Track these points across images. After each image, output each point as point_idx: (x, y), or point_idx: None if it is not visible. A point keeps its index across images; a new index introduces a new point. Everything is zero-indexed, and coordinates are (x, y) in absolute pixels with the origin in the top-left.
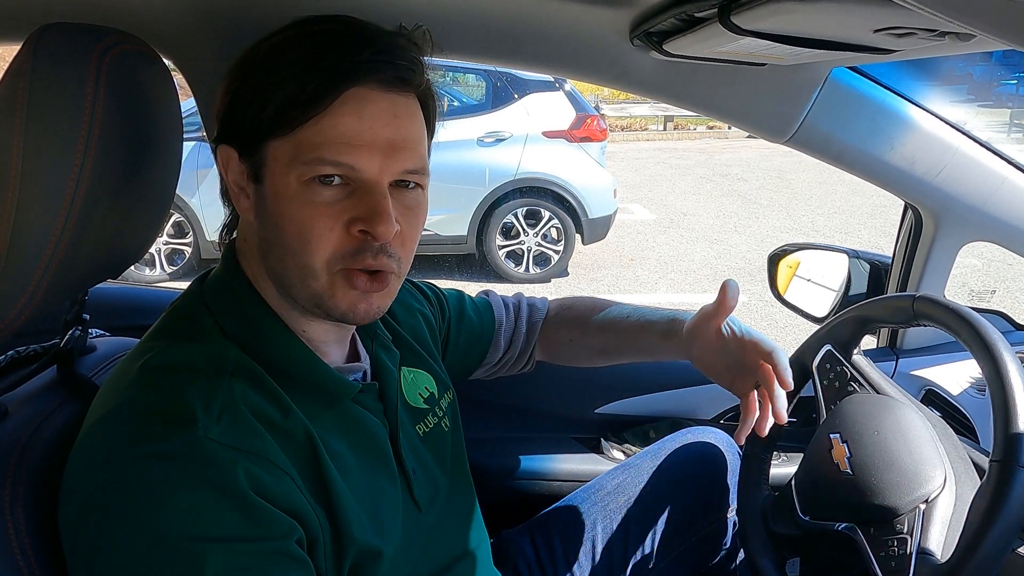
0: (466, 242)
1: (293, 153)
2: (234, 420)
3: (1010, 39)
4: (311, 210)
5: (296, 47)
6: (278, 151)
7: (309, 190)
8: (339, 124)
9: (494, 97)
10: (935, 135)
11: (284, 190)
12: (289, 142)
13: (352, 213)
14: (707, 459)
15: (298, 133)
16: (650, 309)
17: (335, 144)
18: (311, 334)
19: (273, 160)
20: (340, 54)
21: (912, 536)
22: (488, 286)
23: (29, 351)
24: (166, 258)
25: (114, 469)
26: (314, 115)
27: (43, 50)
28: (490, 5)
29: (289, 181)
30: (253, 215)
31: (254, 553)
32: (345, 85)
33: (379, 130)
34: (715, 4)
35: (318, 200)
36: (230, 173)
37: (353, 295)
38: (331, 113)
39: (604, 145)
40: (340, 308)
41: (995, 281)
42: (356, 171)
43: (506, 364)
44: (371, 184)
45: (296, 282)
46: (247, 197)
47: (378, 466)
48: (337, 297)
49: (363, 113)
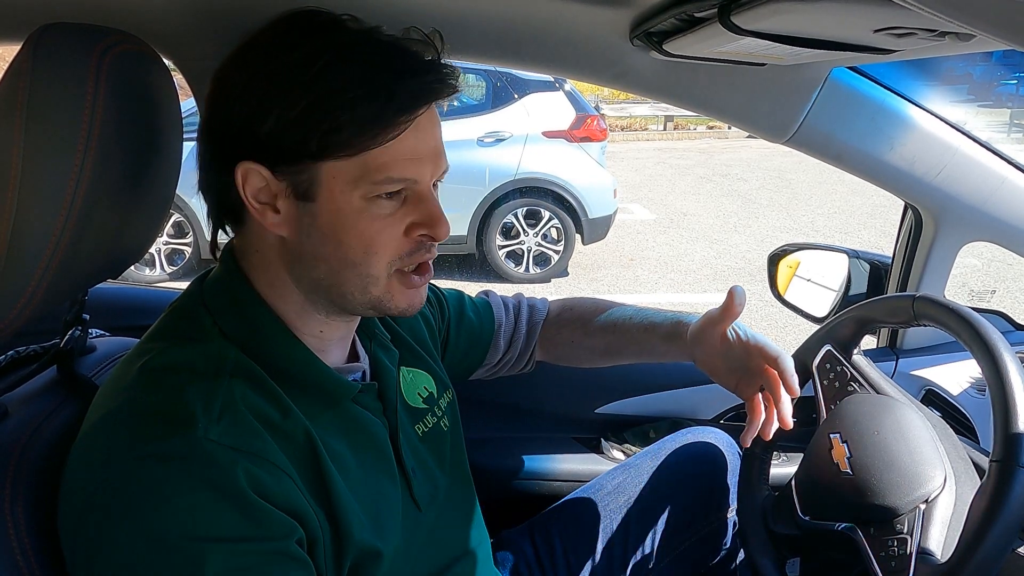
0: (466, 242)
1: (359, 173)
2: (234, 420)
3: (1010, 39)
4: (377, 223)
5: (351, 66)
6: (337, 170)
7: (374, 206)
8: (405, 143)
9: (494, 97)
10: (935, 135)
11: (347, 208)
12: (354, 163)
13: (410, 219)
14: (707, 459)
15: (365, 154)
16: (653, 311)
17: (401, 162)
18: (327, 334)
19: (331, 179)
20: (407, 78)
21: (912, 536)
22: (488, 286)
23: (29, 351)
24: (166, 258)
25: (114, 469)
26: (391, 139)
27: (43, 50)
28: (490, 5)
29: (352, 199)
30: (288, 230)
31: (254, 553)
32: (420, 110)
33: (430, 141)
34: (715, 4)
35: (383, 213)
36: (248, 188)
37: (410, 294)
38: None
39: (604, 145)
40: (400, 306)
41: (995, 281)
42: (416, 183)
43: (506, 365)
44: (425, 191)
45: (355, 291)
46: (275, 212)
47: (378, 466)
48: (396, 298)
49: (419, 127)
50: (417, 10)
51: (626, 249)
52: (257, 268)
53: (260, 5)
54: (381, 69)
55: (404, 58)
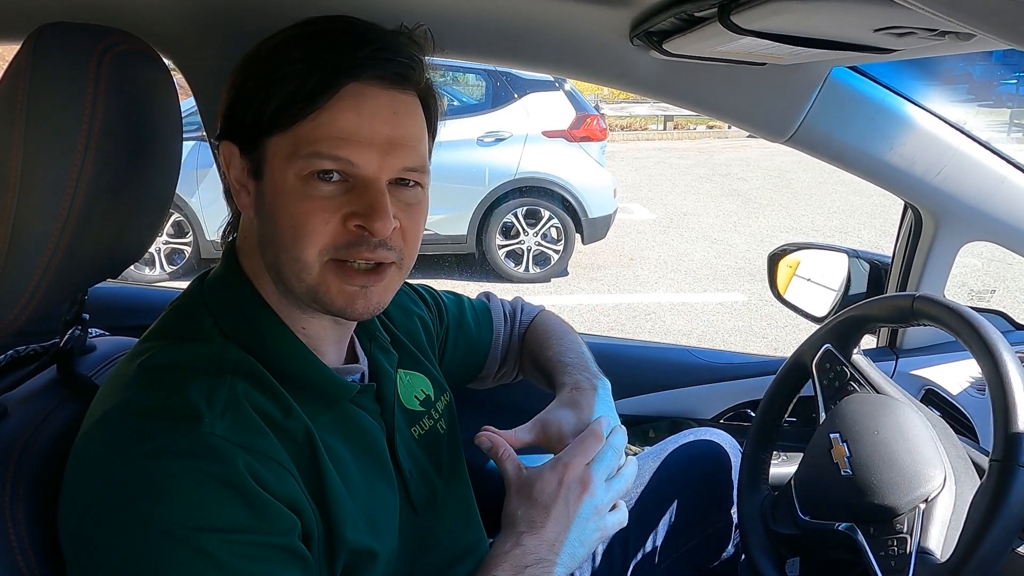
0: (466, 242)
1: (292, 148)
2: (237, 417)
3: (1010, 39)
4: (308, 204)
5: (297, 45)
6: (277, 147)
7: (307, 185)
8: (338, 119)
9: (494, 97)
10: (935, 135)
11: (283, 185)
12: (288, 137)
13: (349, 208)
14: (709, 459)
15: (297, 128)
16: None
17: (333, 139)
18: (310, 332)
19: (272, 156)
20: (340, 51)
21: (912, 536)
22: (488, 286)
23: (29, 351)
24: (166, 258)
25: (116, 466)
26: (313, 110)
27: (43, 50)
28: (490, 5)
29: (287, 176)
30: (253, 211)
31: (260, 545)
32: (344, 80)
33: (378, 127)
34: (715, 4)
35: (315, 195)
36: (231, 170)
37: (349, 290)
38: (330, 109)
39: (604, 145)
40: (337, 303)
41: (995, 281)
42: (354, 167)
43: (505, 377)
44: (369, 181)
45: (291, 277)
46: (247, 194)
47: (375, 467)
48: (332, 291)
49: (362, 109)
50: (417, 10)
51: (626, 249)
52: (246, 255)
53: (260, 5)
54: (320, 46)
55: (346, 36)
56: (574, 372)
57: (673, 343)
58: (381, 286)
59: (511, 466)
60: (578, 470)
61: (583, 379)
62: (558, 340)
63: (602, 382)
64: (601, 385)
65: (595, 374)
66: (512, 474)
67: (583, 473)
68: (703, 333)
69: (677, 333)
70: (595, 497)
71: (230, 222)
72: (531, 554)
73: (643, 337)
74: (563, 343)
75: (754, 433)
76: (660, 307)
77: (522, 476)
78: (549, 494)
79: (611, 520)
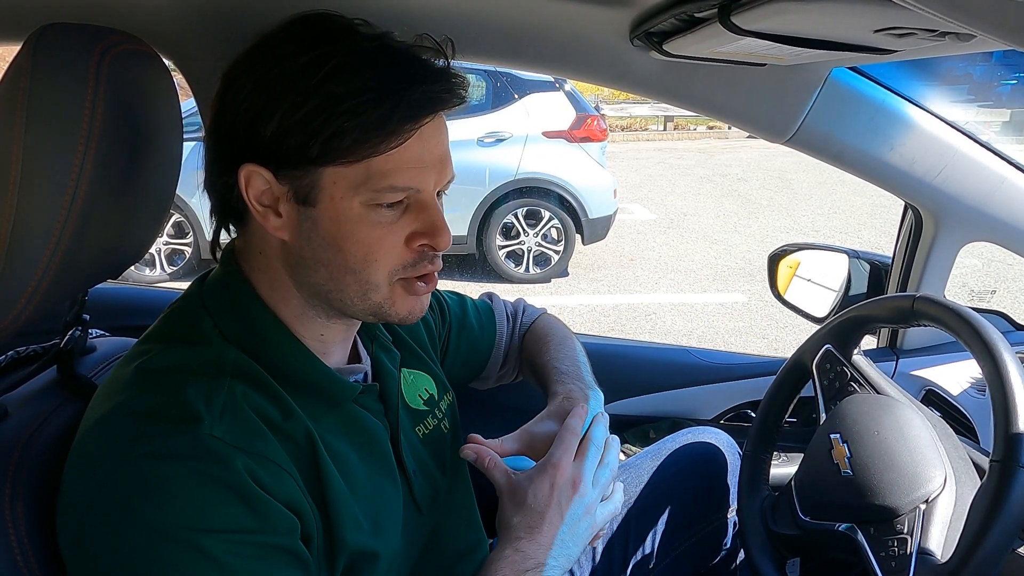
0: (466, 242)
1: (361, 180)
2: (236, 419)
3: (1010, 39)
4: (377, 232)
5: (361, 72)
6: (339, 176)
7: (374, 213)
8: (408, 150)
9: (494, 97)
10: (935, 135)
11: (346, 214)
12: (356, 169)
13: (412, 228)
14: (707, 459)
15: (368, 161)
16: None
17: (404, 170)
18: (327, 337)
19: (332, 184)
20: (420, 84)
21: (912, 536)
22: (488, 286)
23: (29, 351)
24: (166, 258)
25: (115, 468)
26: (395, 147)
27: (43, 50)
28: (490, 5)
29: (352, 205)
30: (289, 234)
31: (258, 545)
32: (425, 118)
33: (435, 150)
34: (715, 4)
35: (384, 221)
36: (252, 190)
37: (411, 300)
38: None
39: (604, 145)
40: (400, 314)
41: (995, 281)
42: (418, 192)
43: (506, 377)
44: (428, 200)
45: (353, 297)
46: (277, 215)
47: (379, 467)
48: (397, 305)
49: (424, 135)
50: (418, 10)
51: (626, 249)
52: (258, 270)
53: (260, 5)
54: (388, 76)
55: (412, 65)
56: (567, 381)
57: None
58: (430, 290)
59: (499, 474)
60: (567, 471)
61: (575, 389)
62: (556, 346)
63: (595, 393)
64: (593, 396)
65: (588, 384)
66: (502, 481)
67: (573, 473)
68: (703, 333)
69: (677, 333)
70: (585, 497)
71: (215, 231)
72: (530, 559)
73: (643, 337)
74: (561, 349)
75: (754, 433)
76: (660, 307)
77: (512, 482)
78: (543, 499)
79: (601, 515)
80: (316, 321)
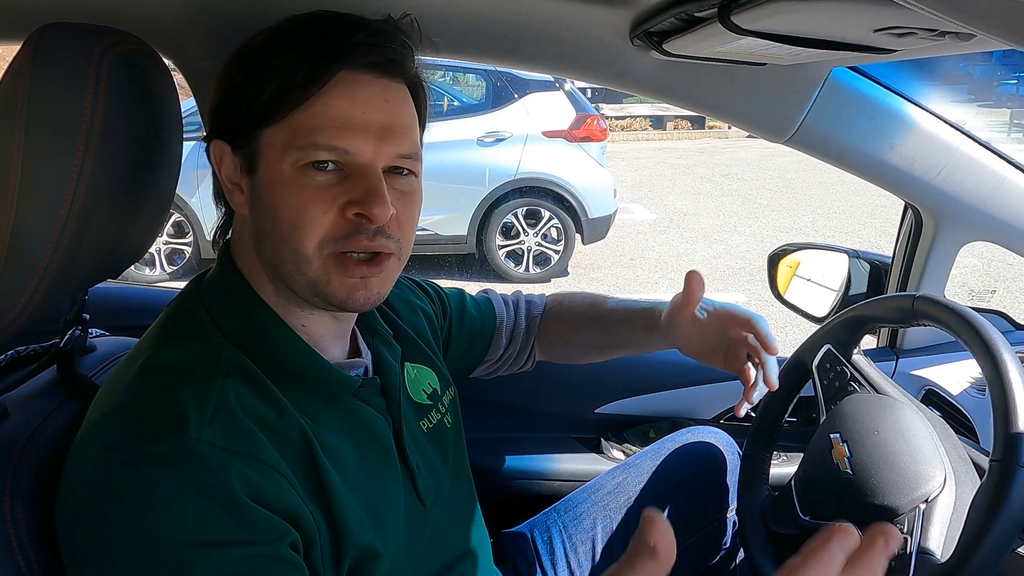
0: (466, 242)
1: (287, 139)
2: (228, 421)
3: (1010, 39)
4: (305, 195)
5: (288, 36)
6: (272, 138)
7: (304, 176)
8: (332, 108)
9: (494, 97)
10: (935, 135)
11: (278, 177)
12: (283, 129)
13: (347, 196)
14: (707, 459)
15: (291, 119)
16: (632, 301)
17: (329, 128)
18: (311, 329)
19: (267, 148)
20: (330, 39)
21: (912, 536)
22: (488, 286)
23: (29, 351)
24: (166, 258)
25: (109, 471)
26: (307, 99)
27: (43, 50)
28: (490, 5)
29: (283, 168)
30: (247, 208)
31: (244, 558)
32: (336, 67)
33: (371, 114)
34: (715, 4)
35: (312, 185)
36: (223, 169)
37: (350, 282)
38: (323, 97)
39: (604, 145)
40: (338, 295)
41: (995, 281)
42: (350, 155)
43: (507, 362)
44: (365, 167)
45: (291, 270)
46: (241, 191)
47: (380, 462)
48: (333, 283)
49: (355, 97)
50: (416, 10)
51: (626, 249)
52: (240, 255)
53: (259, 5)
54: (310, 35)
55: (336, 25)
56: (635, 306)
57: None
58: (380, 277)
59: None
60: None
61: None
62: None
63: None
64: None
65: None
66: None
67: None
68: None
69: None
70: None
71: (219, 225)
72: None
73: None
74: (599, 298)
75: (754, 433)
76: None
77: None
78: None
79: None
80: (292, 309)
